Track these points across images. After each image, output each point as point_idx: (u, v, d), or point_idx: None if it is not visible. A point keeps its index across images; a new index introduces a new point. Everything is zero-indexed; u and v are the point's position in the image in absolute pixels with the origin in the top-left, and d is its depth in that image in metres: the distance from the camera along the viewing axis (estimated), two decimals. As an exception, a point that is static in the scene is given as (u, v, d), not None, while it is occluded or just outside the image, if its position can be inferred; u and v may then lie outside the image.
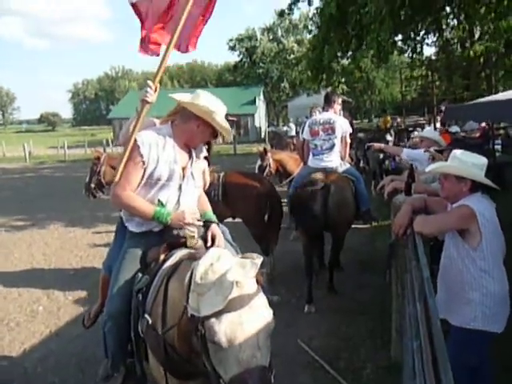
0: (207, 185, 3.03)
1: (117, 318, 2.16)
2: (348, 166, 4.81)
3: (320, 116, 4.75)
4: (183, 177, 2.29)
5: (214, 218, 2.45)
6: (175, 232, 2.28)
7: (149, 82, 2.33)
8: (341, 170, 4.61)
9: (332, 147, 4.57)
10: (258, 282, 1.63)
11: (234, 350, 1.47)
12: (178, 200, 2.29)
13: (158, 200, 2.23)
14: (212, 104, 2.21)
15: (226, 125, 2.26)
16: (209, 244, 2.23)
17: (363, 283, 4.80)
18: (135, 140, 2.21)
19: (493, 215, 2.33)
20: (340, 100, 4.88)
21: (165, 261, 2.09)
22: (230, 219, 4.88)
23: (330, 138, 4.57)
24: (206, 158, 2.51)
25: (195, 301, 1.58)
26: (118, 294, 2.17)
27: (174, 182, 2.26)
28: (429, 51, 18.23)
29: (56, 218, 9.10)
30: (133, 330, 2.07)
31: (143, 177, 2.22)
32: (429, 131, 4.69)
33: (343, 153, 4.74)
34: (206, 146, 2.49)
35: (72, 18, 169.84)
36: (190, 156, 2.34)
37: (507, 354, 2.84)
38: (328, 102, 4.77)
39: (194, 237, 2.20)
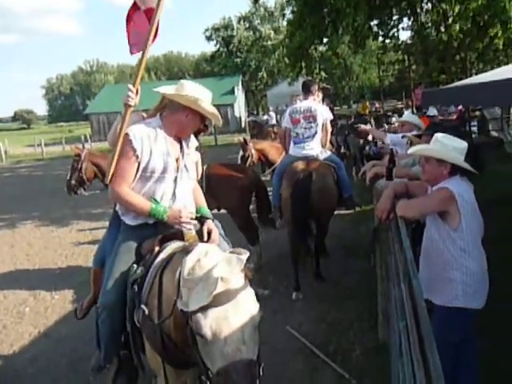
0: (199, 176, 3.00)
1: (111, 309, 2.17)
2: (329, 153, 4.85)
3: (300, 104, 4.76)
4: (177, 169, 2.29)
5: (208, 213, 2.46)
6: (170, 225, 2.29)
7: (129, 86, 2.31)
8: (322, 157, 4.64)
9: (313, 135, 4.60)
10: (245, 276, 1.66)
11: (220, 343, 1.51)
12: (174, 193, 2.29)
13: (153, 198, 2.23)
14: (197, 92, 2.22)
15: (214, 110, 2.26)
16: (205, 239, 2.25)
17: (349, 268, 4.88)
18: (126, 134, 2.19)
19: (471, 197, 2.40)
20: (317, 87, 4.90)
21: (159, 252, 2.11)
22: (215, 211, 4.90)
23: (311, 126, 4.59)
24: (197, 148, 2.53)
25: (186, 295, 1.61)
26: (113, 285, 2.18)
27: (169, 175, 2.26)
28: (405, 35, 18.40)
29: (37, 218, 8.96)
30: (129, 321, 2.09)
31: (138, 171, 2.21)
32: (409, 115, 4.77)
33: (324, 140, 4.77)
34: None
35: (41, 11, 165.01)
36: (182, 147, 2.34)
37: (491, 330, 2.95)
38: (306, 91, 4.78)
39: (193, 236, 2.22)
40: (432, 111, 11.78)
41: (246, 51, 49.13)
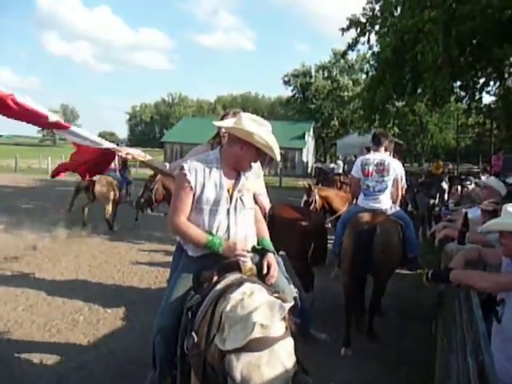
0: (265, 207, 2.96)
1: (166, 332, 2.23)
2: (398, 209, 4.67)
3: (373, 156, 4.63)
4: (230, 200, 2.32)
5: (270, 245, 2.46)
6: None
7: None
8: (390, 212, 4.49)
9: (385, 189, 4.47)
10: (287, 326, 1.63)
11: None
12: (228, 225, 2.32)
13: (208, 232, 2.28)
14: (252, 124, 2.24)
15: (268, 143, 2.24)
16: (264, 272, 2.25)
17: (405, 331, 4.58)
18: (182, 168, 2.29)
19: None
20: (388, 141, 4.76)
21: (217, 283, 2.12)
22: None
23: (383, 180, 4.46)
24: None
25: (226, 332, 1.61)
26: (170, 309, 2.24)
27: (222, 207, 2.30)
28: (487, 99, 17.83)
29: (103, 232, 9.42)
30: (179, 346, 2.11)
31: (193, 202, 2.29)
32: (493, 180, 4.50)
33: (395, 196, 4.63)
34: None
35: (136, 47, 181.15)
36: (237, 179, 2.37)
37: None
38: (377, 143, 4.65)
39: (250, 269, 2.23)
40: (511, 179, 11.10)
41: (321, 99, 50.02)
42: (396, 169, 4.54)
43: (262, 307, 1.59)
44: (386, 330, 4.62)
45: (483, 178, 8.78)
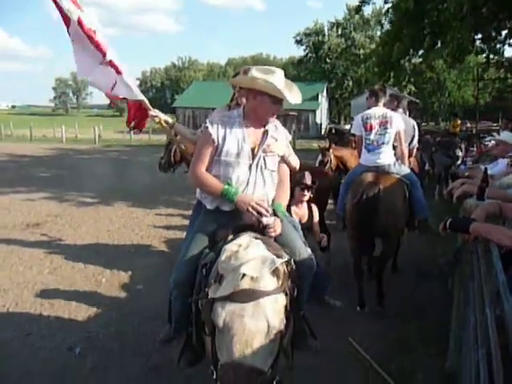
0: (295, 166, 2.90)
1: (182, 287, 2.28)
2: (404, 167, 4.45)
3: (374, 110, 4.41)
4: (253, 157, 2.31)
5: (283, 211, 2.43)
6: (248, 215, 2.29)
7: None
8: (395, 169, 4.31)
9: (388, 142, 4.29)
10: (281, 283, 1.65)
11: (228, 339, 1.50)
12: (248, 180, 2.31)
13: (227, 181, 2.29)
14: (256, 72, 2.24)
15: (274, 85, 2.18)
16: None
17: (420, 288, 4.63)
18: (205, 122, 2.34)
19: None
20: (386, 95, 4.58)
21: (231, 241, 2.12)
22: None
23: (386, 132, 4.28)
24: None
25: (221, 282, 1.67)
26: (186, 265, 2.27)
27: (244, 160, 2.29)
28: (509, 52, 17.09)
29: (120, 198, 9.57)
30: (194, 303, 2.14)
31: (214, 155, 2.30)
32: (507, 134, 4.38)
33: (399, 152, 4.45)
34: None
35: (142, 9, 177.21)
36: (263, 138, 2.35)
37: None
38: (376, 98, 4.44)
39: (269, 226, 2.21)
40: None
41: (335, 58, 48.68)
42: (398, 122, 4.36)
43: (254, 260, 1.61)
44: (402, 287, 4.67)
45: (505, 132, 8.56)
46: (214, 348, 1.62)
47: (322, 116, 41.17)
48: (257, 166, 2.33)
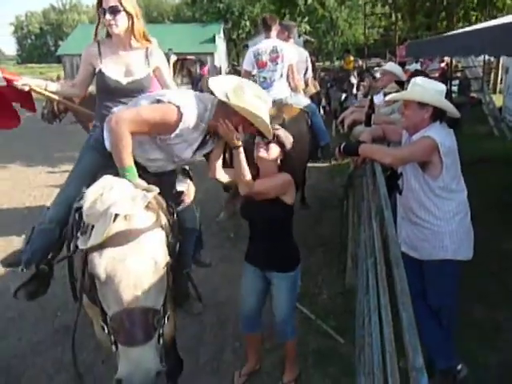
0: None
1: (54, 224, 2.14)
2: (301, 97, 4.49)
3: (265, 45, 4.28)
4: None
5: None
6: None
7: None
8: (292, 101, 4.31)
9: (280, 77, 4.25)
10: (157, 218, 1.57)
11: (114, 287, 1.41)
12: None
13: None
14: (255, 105, 2.18)
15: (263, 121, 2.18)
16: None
17: (322, 218, 4.94)
18: (178, 107, 1.88)
19: (452, 143, 2.31)
20: (278, 24, 4.45)
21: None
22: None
23: (277, 69, 4.22)
24: None
25: (89, 231, 1.51)
26: (62, 205, 2.13)
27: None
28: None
29: (5, 158, 8.61)
30: (66, 247, 2.01)
31: (156, 136, 1.97)
32: (390, 65, 4.63)
33: (293, 82, 4.39)
34: None
35: None
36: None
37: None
38: (267, 28, 4.32)
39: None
40: (414, 68, 11.63)
41: (229, -3, 47.02)
42: (290, 55, 4.30)
43: (122, 199, 1.48)
44: (307, 219, 4.93)
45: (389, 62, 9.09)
46: (99, 302, 1.49)
47: (220, 59, 40.20)
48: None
